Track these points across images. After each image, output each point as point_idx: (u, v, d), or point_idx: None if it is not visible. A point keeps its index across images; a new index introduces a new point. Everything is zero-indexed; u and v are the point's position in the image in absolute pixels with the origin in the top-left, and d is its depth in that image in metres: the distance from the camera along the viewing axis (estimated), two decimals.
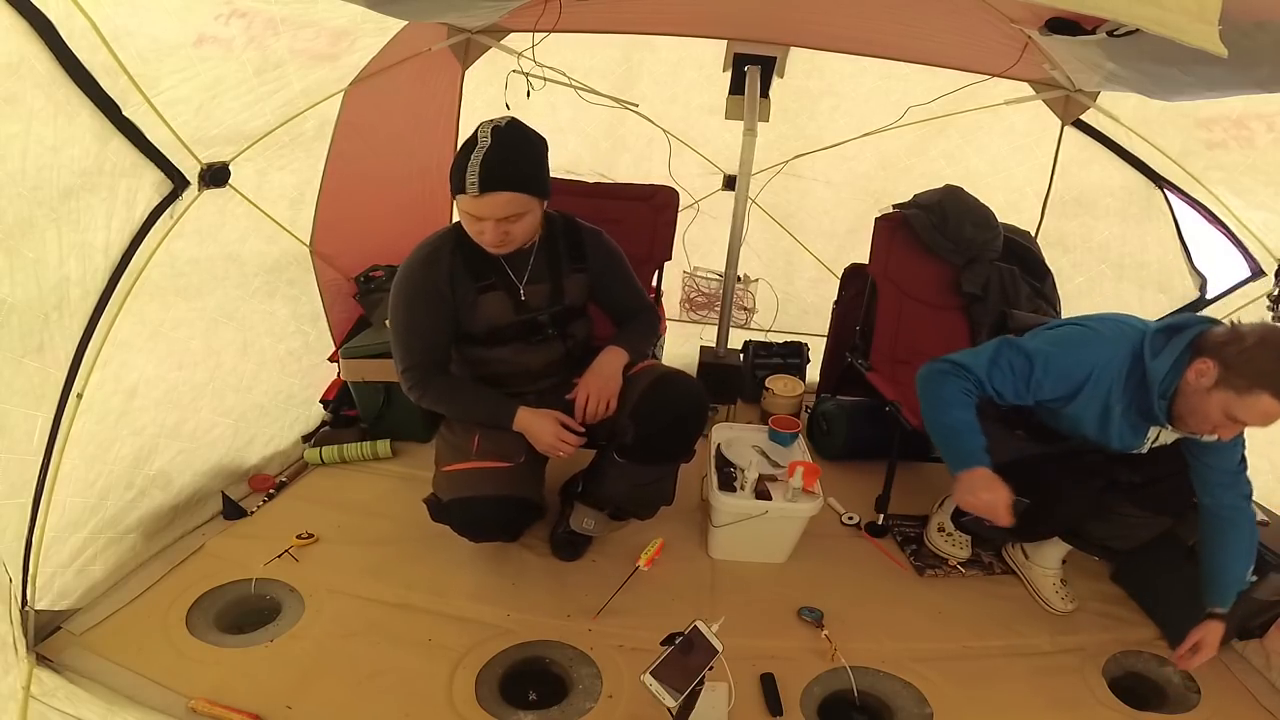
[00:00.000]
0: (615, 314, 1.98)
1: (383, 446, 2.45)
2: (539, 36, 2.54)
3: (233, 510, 2.08)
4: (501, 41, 2.86)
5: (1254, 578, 1.69)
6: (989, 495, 1.55)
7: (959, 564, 2.10)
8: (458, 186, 1.57)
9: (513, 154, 1.58)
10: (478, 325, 1.78)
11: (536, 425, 1.76)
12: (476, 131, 1.58)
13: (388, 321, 1.80)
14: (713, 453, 2.11)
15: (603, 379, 1.78)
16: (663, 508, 2.00)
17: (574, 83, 2.96)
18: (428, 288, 1.72)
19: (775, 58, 2.80)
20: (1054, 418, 1.76)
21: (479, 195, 1.55)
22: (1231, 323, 1.52)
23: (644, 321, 1.98)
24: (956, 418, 1.63)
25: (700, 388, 1.89)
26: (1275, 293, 2.27)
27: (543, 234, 1.79)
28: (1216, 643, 1.62)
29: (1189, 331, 1.56)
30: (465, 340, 1.81)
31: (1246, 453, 1.68)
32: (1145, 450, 1.73)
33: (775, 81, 2.87)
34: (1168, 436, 1.71)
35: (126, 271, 1.68)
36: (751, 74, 2.75)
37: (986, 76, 2.72)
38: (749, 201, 2.86)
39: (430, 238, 1.78)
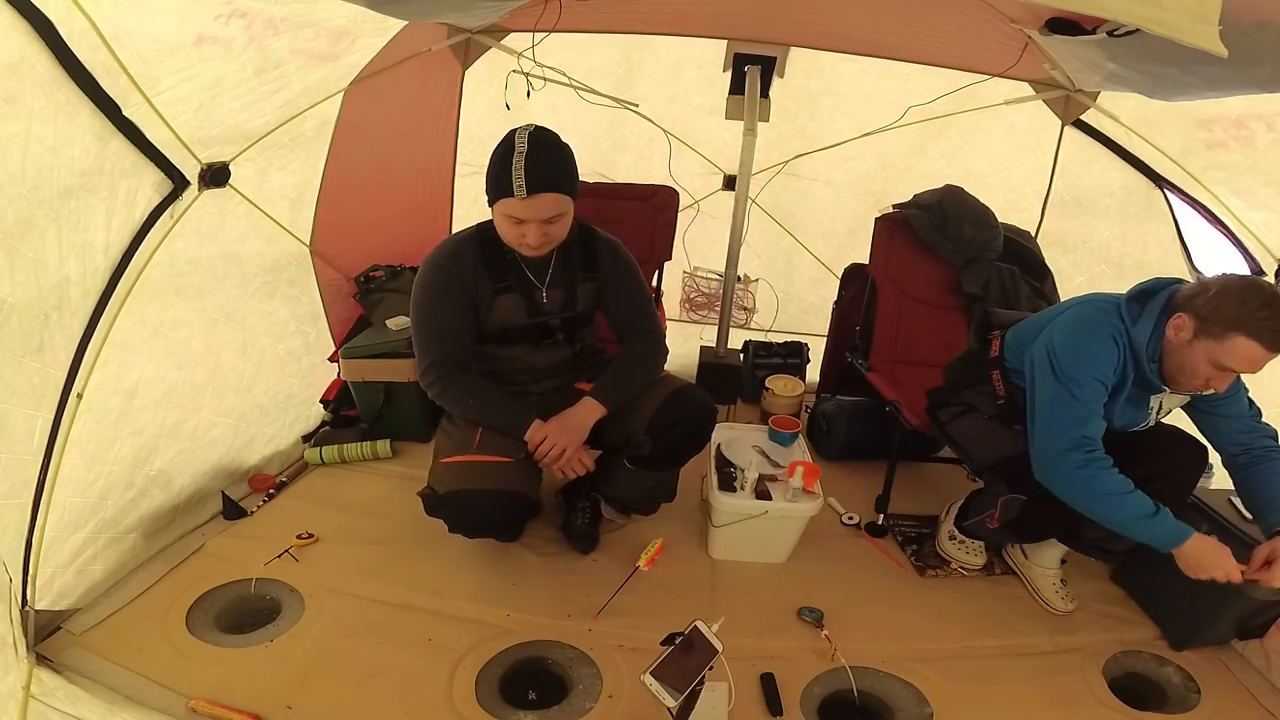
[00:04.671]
0: (616, 327, 1.95)
1: (383, 446, 2.45)
2: (539, 36, 2.54)
3: (233, 510, 2.08)
4: (501, 41, 2.86)
5: None
6: (1224, 571, 1.52)
7: (975, 570, 2.09)
8: (501, 191, 1.60)
9: (551, 156, 1.61)
10: (491, 324, 1.81)
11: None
12: (512, 138, 1.60)
13: (409, 318, 1.81)
14: (713, 453, 2.11)
15: (567, 430, 1.76)
16: (663, 505, 2.10)
17: (574, 83, 2.97)
18: (454, 283, 1.74)
19: (775, 58, 2.81)
20: None
21: (527, 197, 1.58)
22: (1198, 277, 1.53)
23: (642, 353, 1.91)
24: (1136, 505, 1.55)
25: (709, 398, 1.92)
26: None
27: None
28: None
29: (1161, 293, 1.60)
30: (477, 336, 1.82)
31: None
32: (1151, 423, 1.74)
33: (775, 81, 2.87)
34: (1170, 403, 1.72)
35: (126, 271, 1.67)
36: (751, 74, 2.76)
37: (986, 76, 2.71)
38: (749, 201, 2.86)
39: (452, 236, 1.82)
